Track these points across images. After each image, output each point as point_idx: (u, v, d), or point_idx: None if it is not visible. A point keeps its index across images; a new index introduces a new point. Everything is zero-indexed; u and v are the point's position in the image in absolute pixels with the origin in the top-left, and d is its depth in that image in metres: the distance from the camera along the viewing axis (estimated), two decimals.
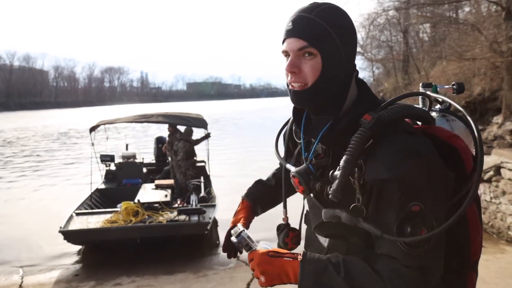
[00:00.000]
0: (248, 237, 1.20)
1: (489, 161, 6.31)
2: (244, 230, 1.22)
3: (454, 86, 1.32)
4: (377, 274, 0.99)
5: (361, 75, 1.16)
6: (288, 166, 1.21)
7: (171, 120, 8.71)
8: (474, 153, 1.10)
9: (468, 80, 15.68)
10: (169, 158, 8.97)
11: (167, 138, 9.10)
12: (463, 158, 1.08)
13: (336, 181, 1.00)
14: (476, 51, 14.59)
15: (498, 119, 11.82)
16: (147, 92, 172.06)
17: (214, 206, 6.90)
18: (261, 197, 1.56)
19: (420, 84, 1.32)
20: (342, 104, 1.10)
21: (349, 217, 1.00)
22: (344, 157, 0.99)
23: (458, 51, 16.12)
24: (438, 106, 1.29)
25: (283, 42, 1.09)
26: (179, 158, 8.10)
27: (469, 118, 1.06)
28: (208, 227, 6.08)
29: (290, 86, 1.10)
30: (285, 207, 1.39)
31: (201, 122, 8.94)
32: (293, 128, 1.31)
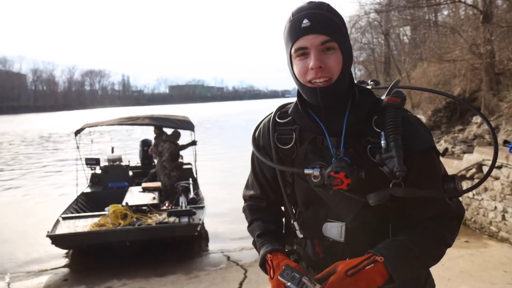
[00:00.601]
0: (309, 280, 1.07)
1: (471, 159, 6.50)
2: (303, 276, 1.07)
3: (372, 82, 1.44)
4: (437, 235, 1.15)
5: None
6: (308, 170, 1.14)
7: (158, 122, 8.68)
8: None
9: (448, 81, 16.06)
10: (155, 161, 8.94)
11: (153, 141, 9.06)
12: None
13: (396, 158, 1.05)
14: (456, 53, 14.95)
15: (477, 119, 12.12)
16: (129, 96, 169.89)
17: (202, 207, 6.92)
18: (280, 241, 1.34)
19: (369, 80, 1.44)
20: (354, 95, 1.18)
21: (406, 190, 1.08)
22: (391, 135, 1.08)
23: (438, 53, 16.49)
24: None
25: (296, 40, 1.10)
26: (164, 159, 8.05)
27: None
28: (198, 228, 6.09)
29: (310, 83, 1.11)
30: (296, 220, 1.30)
31: (187, 124, 8.93)
32: (275, 133, 1.26)
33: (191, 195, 7.27)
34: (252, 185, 1.44)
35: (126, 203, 6.59)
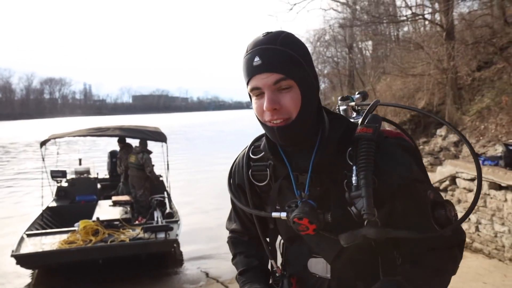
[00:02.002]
0: None
1: (444, 171, 6.66)
2: None
3: (359, 95, 1.40)
4: (437, 269, 1.06)
5: None
6: (276, 214, 1.10)
7: (129, 133, 8.41)
8: None
9: (412, 94, 16.63)
10: (121, 175, 8.68)
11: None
12: (415, 152, 1.14)
13: (365, 199, 0.96)
14: (419, 67, 15.53)
15: (441, 131, 12.56)
16: (90, 105, 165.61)
17: (177, 222, 6.71)
18: (263, 277, 1.31)
19: (339, 97, 1.40)
20: (323, 128, 1.09)
21: (379, 231, 0.97)
22: (362, 172, 0.98)
23: (402, 68, 17.06)
24: (354, 114, 1.38)
25: (250, 80, 1.02)
26: (149, 170, 7.79)
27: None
28: (175, 244, 5.88)
29: (270, 123, 1.03)
30: (274, 258, 1.27)
31: (160, 136, 8.70)
32: (249, 170, 1.21)
33: (167, 209, 7.03)
34: (234, 219, 1.41)
35: (97, 218, 6.29)
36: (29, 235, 6.15)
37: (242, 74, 1.07)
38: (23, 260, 5.43)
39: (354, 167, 1.01)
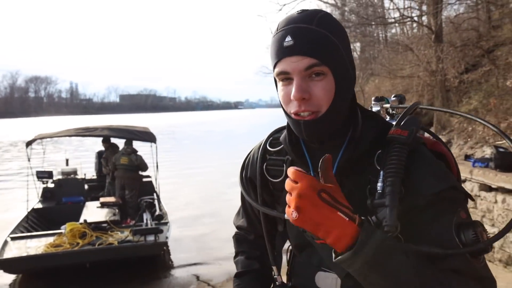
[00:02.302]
0: None
1: None
2: None
3: (396, 98, 1.30)
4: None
5: None
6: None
7: (118, 133, 8.30)
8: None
9: None
10: (107, 175, 8.56)
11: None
12: (450, 163, 1.02)
13: (388, 208, 0.83)
14: (408, 69, 15.65)
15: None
16: (77, 104, 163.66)
17: (167, 224, 6.61)
18: (262, 282, 1.23)
19: (373, 98, 1.31)
20: (355, 126, 0.98)
21: (401, 246, 0.83)
22: (389, 178, 0.86)
23: (390, 69, 17.19)
24: (388, 118, 1.28)
25: (277, 62, 0.90)
26: (147, 169, 7.76)
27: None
28: (165, 247, 5.78)
29: (295, 116, 0.92)
30: (277, 264, 1.15)
31: (149, 136, 8.60)
32: (263, 164, 1.11)
33: (157, 211, 6.92)
34: (241, 215, 1.31)
35: (85, 220, 6.16)
36: (13, 238, 5.99)
37: (270, 55, 0.94)
38: (6, 264, 5.27)
39: (381, 172, 0.89)
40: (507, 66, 12.58)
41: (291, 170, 0.80)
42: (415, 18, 15.42)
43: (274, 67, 0.92)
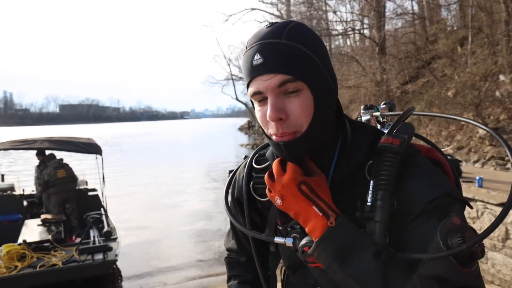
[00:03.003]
0: None
1: None
2: None
3: (388, 105, 1.30)
4: None
5: (245, 99, 1.01)
6: (279, 240, 0.90)
7: (59, 145, 7.77)
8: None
9: (346, 105, 17.27)
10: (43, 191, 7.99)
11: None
12: (446, 170, 0.98)
13: (378, 224, 0.79)
14: (353, 80, 16.21)
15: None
16: (12, 114, 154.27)
17: (116, 239, 6.23)
18: None
19: (362, 107, 1.29)
20: (344, 137, 0.91)
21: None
22: (380, 191, 0.81)
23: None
24: (378, 126, 1.26)
25: (250, 82, 0.84)
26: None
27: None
28: (114, 265, 5.41)
29: (275, 137, 0.85)
30: (268, 286, 1.10)
31: (94, 148, 8.14)
32: (250, 183, 1.04)
33: (105, 227, 6.49)
34: (231, 236, 1.25)
35: (24, 241, 5.65)
36: None
37: (243, 75, 0.88)
38: None
39: (371, 182, 0.84)
40: (444, 77, 13.37)
41: (276, 161, 0.87)
42: (361, 31, 16.03)
43: (248, 87, 0.85)
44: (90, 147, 8.05)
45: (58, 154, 8.16)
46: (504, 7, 10.46)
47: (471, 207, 0.95)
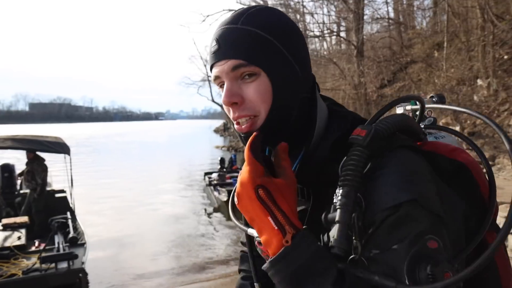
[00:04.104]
0: None
1: None
2: None
3: (434, 99, 1.15)
4: None
5: (220, 101, 1.01)
6: (252, 231, 0.84)
7: (24, 144, 7.36)
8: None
9: None
10: (27, 190, 7.61)
11: (26, 166, 7.72)
12: (474, 176, 0.85)
13: (336, 226, 0.68)
14: (330, 82, 16.22)
15: None
16: None
17: (83, 245, 5.86)
18: None
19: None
20: (312, 128, 0.83)
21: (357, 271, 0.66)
22: (340, 191, 0.69)
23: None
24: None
25: (211, 69, 0.82)
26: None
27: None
28: (81, 274, 5.05)
29: (237, 125, 0.81)
30: (258, 280, 0.99)
31: (62, 147, 7.78)
32: None
33: (71, 233, 6.09)
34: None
35: None
36: None
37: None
38: None
39: (339, 181, 0.72)
40: (420, 82, 13.53)
41: (245, 151, 0.75)
42: (340, 34, 16.05)
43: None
44: (58, 146, 7.71)
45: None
46: (480, 13, 10.60)
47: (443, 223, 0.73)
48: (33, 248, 5.74)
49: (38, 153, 7.69)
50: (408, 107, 1.07)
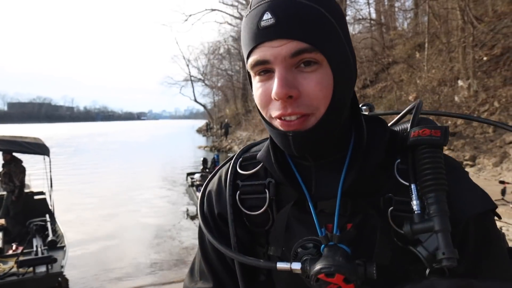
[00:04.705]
0: None
1: None
2: None
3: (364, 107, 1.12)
4: None
5: (203, 101, 0.77)
6: (283, 265, 0.69)
7: (1, 146, 7.15)
8: None
9: None
10: (4, 193, 7.43)
11: (2, 168, 7.51)
12: None
13: (440, 234, 0.61)
14: None
15: None
16: None
17: (63, 248, 5.72)
18: None
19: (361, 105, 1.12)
20: (360, 132, 0.74)
21: (461, 283, 0.61)
22: (431, 193, 0.65)
23: None
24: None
25: (252, 49, 0.66)
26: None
27: None
28: (60, 278, 4.92)
29: (280, 122, 0.67)
30: None
31: (41, 148, 7.62)
32: (236, 193, 0.82)
33: (50, 236, 5.93)
34: (200, 273, 0.89)
35: None
36: None
37: (242, 43, 0.69)
38: None
39: (412, 186, 0.67)
40: (401, 82, 13.69)
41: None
42: None
43: (248, 57, 0.67)
44: (37, 147, 7.55)
45: None
46: (460, 14, 10.77)
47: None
48: (10, 252, 5.59)
49: (16, 154, 7.49)
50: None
